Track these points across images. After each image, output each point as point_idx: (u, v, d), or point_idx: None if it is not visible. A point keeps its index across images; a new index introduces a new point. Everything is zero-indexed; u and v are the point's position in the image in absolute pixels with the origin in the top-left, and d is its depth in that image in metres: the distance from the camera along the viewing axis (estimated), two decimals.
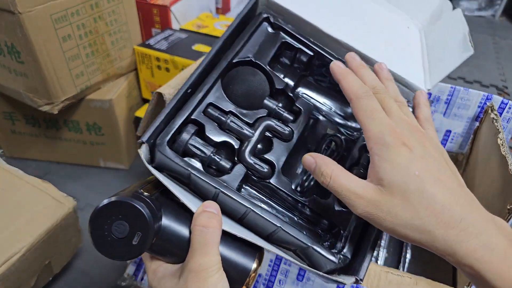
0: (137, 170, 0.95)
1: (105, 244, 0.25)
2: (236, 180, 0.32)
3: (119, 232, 0.25)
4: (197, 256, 0.26)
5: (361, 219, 0.29)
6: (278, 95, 0.37)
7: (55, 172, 0.93)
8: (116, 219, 0.25)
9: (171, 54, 0.87)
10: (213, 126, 0.33)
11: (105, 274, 0.71)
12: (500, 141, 0.50)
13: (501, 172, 0.47)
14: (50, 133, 0.90)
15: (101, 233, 0.25)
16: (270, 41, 0.37)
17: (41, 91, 0.74)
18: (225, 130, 0.33)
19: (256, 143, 0.33)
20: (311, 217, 0.34)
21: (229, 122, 0.33)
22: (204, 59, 0.34)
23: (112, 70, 0.86)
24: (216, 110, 0.33)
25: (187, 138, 0.31)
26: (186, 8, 1.14)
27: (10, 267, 0.53)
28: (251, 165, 0.33)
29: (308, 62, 0.38)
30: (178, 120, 0.31)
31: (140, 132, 0.63)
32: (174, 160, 0.29)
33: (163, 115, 0.31)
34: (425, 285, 0.44)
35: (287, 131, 0.35)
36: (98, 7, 0.77)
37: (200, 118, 0.33)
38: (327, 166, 0.28)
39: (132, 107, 0.93)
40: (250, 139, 0.33)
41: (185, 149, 0.31)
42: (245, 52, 0.35)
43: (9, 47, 0.70)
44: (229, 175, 0.32)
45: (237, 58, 0.35)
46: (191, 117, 0.32)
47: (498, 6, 2.00)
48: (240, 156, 0.33)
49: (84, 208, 0.84)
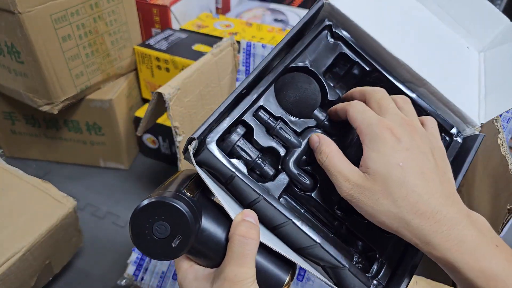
0: (137, 170, 0.95)
1: (145, 243, 0.25)
2: (278, 189, 0.31)
3: (160, 232, 0.25)
4: (233, 266, 0.26)
5: (399, 246, 0.31)
6: (329, 107, 0.35)
7: (55, 172, 0.93)
8: (158, 219, 0.25)
9: (171, 54, 0.87)
10: (261, 130, 0.32)
11: (105, 274, 0.71)
12: (500, 141, 0.50)
13: (501, 172, 0.47)
14: (50, 133, 0.90)
15: (141, 231, 0.25)
16: (329, 50, 0.36)
17: (41, 91, 0.74)
18: (273, 136, 0.33)
19: (302, 153, 0.33)
20: (347, 237, 0.33)
21: (278, 128, 0.33)
22: (262, 61, 0.32)
23: (112, 70, 0.87)
24: (266, 114, 0.33)
25: (236, 139, 0.31)
26: (186, 8, 1.14)
27: (10, 267, 0.53)
28: (294, 175, 0.32)
29: (362, 76, 0.37)
30: (229, 120, 0.31)
31: (140, 132, 0.63)
32: (221, 160, 0.29)
33: (216, 113, 0.30)
34: (425, 285, 0.44)
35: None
36: (98, 7, 0.77)
37: (250, 121, 0.32)
38: (327, 146, 0.30)
39: (132, 107, 0.93)
40: (297, 149, 0.33)
41: (232, 150, 0.31)
42: (303, 58, 0.35)
43: (9, 47, 0.70)
44: (272, 182, 0.32)
45: (294, 63, 0.35)
46: (242, 119, 0.32)
47: (498, 6, 2.00)
48: (284, 165, 0.32)
49: (84, 208, 0.84)
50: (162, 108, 0.59)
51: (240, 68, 0.77)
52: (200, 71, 0.65)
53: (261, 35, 1.05)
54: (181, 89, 0.59)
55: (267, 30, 1.09)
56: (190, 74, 0.62)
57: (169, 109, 0.57)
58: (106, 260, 0.73)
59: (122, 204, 0.85)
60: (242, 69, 0.77)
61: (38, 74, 0.71)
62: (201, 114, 0.67)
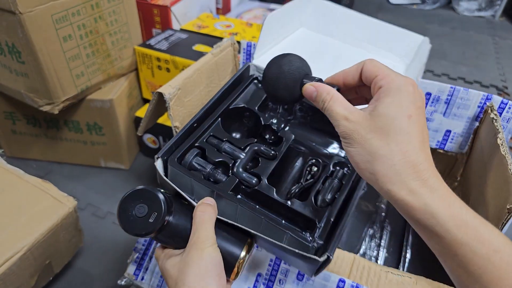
0: (138, 170, 0.95)
1: (128, 222, 0.33)
2: (228, 186, 0.41)
3: (139, 212, 0.33)
4: (195, 232, 0.33)
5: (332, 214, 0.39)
6: (266, 130, 0.49)
7: (56, 172, 0.94)
8: (138, 203, 0.34)
9: (172, 54, 0.87)
10: (212, 150, 0.44)
11: (106, 274, 0.71)
12: (499, 141, 0.50)
13: (500, 172, 0.47)
14: (50, 133, 0.90)
15: (126, 213, 0.33)
16: (258, 93, 0.51)
17: (41, 91, 0.74)
18: (222, 153, 0.44)
19: (246, 161, 0.44)
20: (293, 217, 0.41)
21: (225, 147, 0.45)
22: (206, 104, 0.47)
23: (113, 70, 0.87)
24: (215, 139, 0.45)
25: (191, 158, 0.43)
26: (186, 9, 1.14)
27: (11, 267, 0.53)
28: (242, 177, 0.42)
29: (290, 108, 0.51)
30: (184, 145, 0.43)
31: (141, 132, 0.63)
32: (181, 171, 0.41)
33: (173, 140, 0.43)
34: (425, 284, 0.44)
35: (271, 152, 0.45)
36: (99, 7, 0.77)
37: (202, 144, 0.45)
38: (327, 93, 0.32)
39: (133, 107, 0.93)
40: (242, 158, 0.44)
41: (190, 166, 0.43)
42: (239, 101, 0.49)
43: (10, 47, 0.70)
44: (223, 182, 0.41)
45: (233, 105, 0.49)
46: (195, 144, 0.44)
47: (498, 7, 2.00)
48: (233, 171, 0.43)
49: (84, 208, 0.84)
50: (163, 108, 0.59)
51: (240, 68, 0.77)
52: (200, 71, 0.65)
53: None
54: (181, 89, 0.59)
55: None
56: (190, 74, 0.62)
57: (170, 109, 0.57)
58: (106, 259, 0.73)
59: None
60: None
61: (39, 74, 0.71)
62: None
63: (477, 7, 2.04)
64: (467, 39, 1.74)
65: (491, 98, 0.60)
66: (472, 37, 1.77)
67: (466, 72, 1.47)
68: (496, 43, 1.73)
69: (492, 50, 1.66)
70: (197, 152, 0.43)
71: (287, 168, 0.47)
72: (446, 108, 0.62)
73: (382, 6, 2.09)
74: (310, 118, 0.51)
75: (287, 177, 0.47)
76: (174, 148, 0.43)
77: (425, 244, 0.30)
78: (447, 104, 0.62)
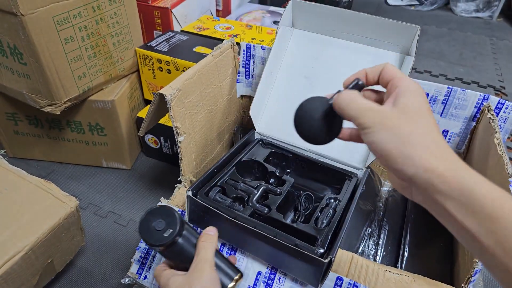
0: (139, 170, 0.95)
1: (147, 232, 0.40)
2: (246, 213, 0.51)
3: (158, 226, 0.40)
4: (197, 256, 0.40)
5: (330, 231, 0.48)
6: (271, 176, 0.62)
7: (58, 172, 0.94)
8: (159, 218, 0.41)
9: (172, 56, 0.88)
10: (231, 188, 0.56)
11: (107, 273, 0.71)
12: (496, 140, 0.51)
13: (497, 172, 0.48)
14: (52, 134, 0.91)
15: (147, 224, 0.40)
16: (263, 151, 0.65)
17: (43, 92, 0.75)
18: (238, 190, 0.56)
19: (258, 196, 0.55)
20: (298, 236, 0.48)
21: (241, 185, 0.57)
22: (222, 157, 0.60)
23: (114, 72, 0.87)
24: (232, 181, 0.58)
25: (214, 194, 0.55)
26: (187, 10, 1.15)
27: (13, 266, 0.54)
28: (256, 207, 0.53)
29: (288, 160, 0.64)
30: (208, 185, 0.55)
31: (142, 132, 0.64)
32: (206, 202, 0.51)
33: (200, 179, 0.55)
34: (423, 283, 0.45)
35: (278, 190, 0.57)
36: (100, 9, 0.77)
37: (223, 184, 0.57)
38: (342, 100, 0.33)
39: (134, 107, 0.94)
40: (255, 194, 0.55)
41: (214, 199, 0.54)
42: (249, 156, 0.63)
43: (12, 48, 0.71)
44: (242, 210, 0.52)
45: (244, 158, 0.62)
46: (217, 185, 0.56)
47: (496, 8, 2.01)
48: (249, 203, 0.54)
49: (86, 208, 0.84)
50: (164, 109, 0.59)
51: (240, 70, 0.78)
52: (200, 72, 0.65)
53: (261, 37, 1.06)
54: (182, 90, 0.60)
55: (266, 32, 1.10)
56: (191, 76, 0.63)
57: (171, 110, 0.58)
58: (108, 259, 0.74)
59: (124, 204, 0.86)
60: (242, 70, 0.78)
61: (41, 75, 0.72)
62: (202, 114, 0.68)
63: (475, 8, 2.05)
64: (465, 40, 1.75)
65: (488, 98, 0.60)
66: (469, 38, 1.78)
67: (463, 73, 1.48)
68: (493, 43, 1.74)
69: (490, 51, 1.67)
70: (218, 189, 0.55)
71: (290, 202, 0.60)
72: (444, 108, 0.63)
73: (380, 7, 2.10)
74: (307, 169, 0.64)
75: (289, 209, 0.60)
76: (200, 185, 0.54)
77: (423, 243, 0.30)
78: (444, 104, 0.63)
